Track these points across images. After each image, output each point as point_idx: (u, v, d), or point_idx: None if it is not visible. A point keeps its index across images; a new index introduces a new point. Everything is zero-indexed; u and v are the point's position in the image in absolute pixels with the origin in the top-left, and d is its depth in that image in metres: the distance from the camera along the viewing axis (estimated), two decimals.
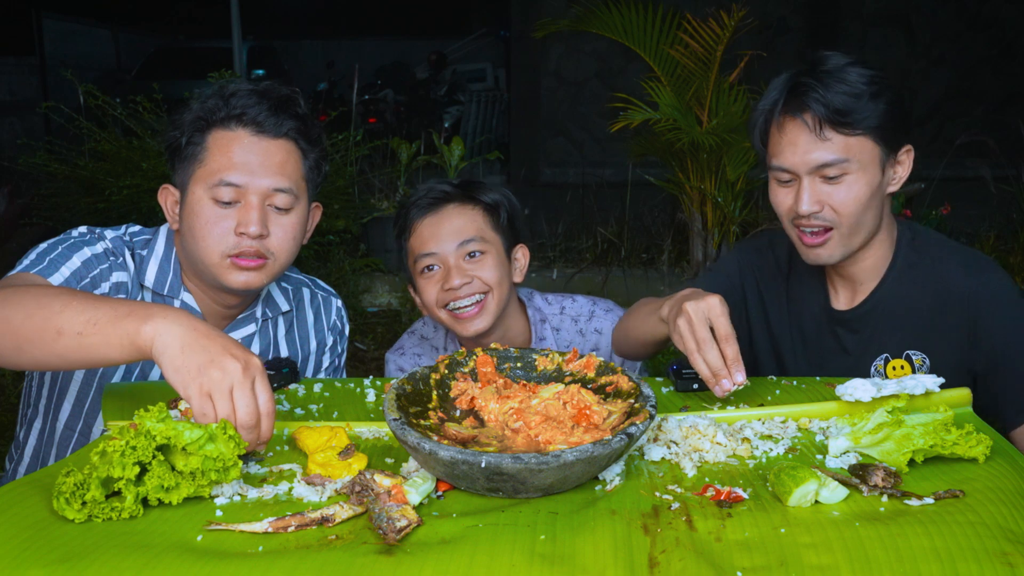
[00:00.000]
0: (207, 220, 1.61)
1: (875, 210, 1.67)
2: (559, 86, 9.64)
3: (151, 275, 1.69)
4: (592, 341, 2.04)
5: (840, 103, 1.60)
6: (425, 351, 2.08)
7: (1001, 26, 9.42)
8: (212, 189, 1.60)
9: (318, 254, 5.24)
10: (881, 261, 1.75)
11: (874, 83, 1.62)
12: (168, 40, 15.27)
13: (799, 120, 1.63)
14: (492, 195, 1.94)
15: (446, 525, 1.05)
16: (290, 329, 1.86)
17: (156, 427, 1.11)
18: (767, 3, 8.90)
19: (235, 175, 1.60)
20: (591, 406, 1.27)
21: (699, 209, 5.05)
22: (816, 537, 1.00)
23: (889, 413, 1.22)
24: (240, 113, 1.61)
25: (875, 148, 1.63)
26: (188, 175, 1.64)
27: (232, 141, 1.62)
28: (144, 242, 1.73)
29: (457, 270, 1.86)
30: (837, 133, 1.61)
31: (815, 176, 1.64)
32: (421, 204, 1.92)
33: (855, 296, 1.78)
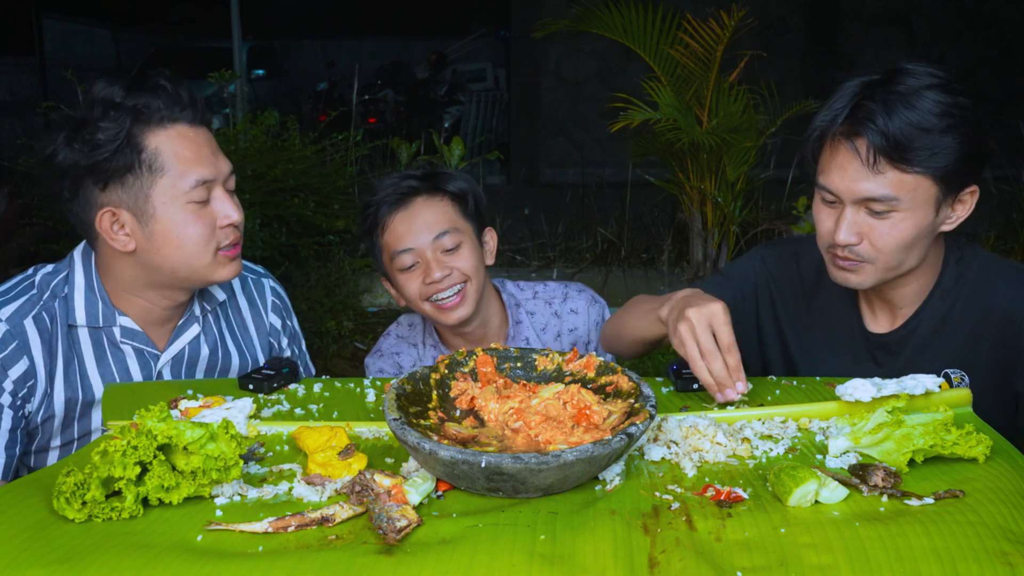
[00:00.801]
0: (188, 224, 1.57)
1: (919, 249, 1.56)
2: (559, 86, 9.63)
3: (80, 313, 1.63)
4: (569, 322, 2.07)
5: (902, 135, 1.46)
6: (403, 349, 2.09)
7: (1001, 26, 9.42)
8: (188, 193, 1.56)
9: (318, 254, 5.24)
10: (924, 286, 1.66)
11: (949, 115, 1.47)
12: (168, 40, 15.26)
13: (852, 146, 1.50)
14: (457, 183, 1.96)
15: (446, 525, 1.05)
16: (228, 319, 1.83)
17: (157, 426, 1.11)
18: (767, 3, 8.90)
19: (203, 171, 1.58)
20: (591, 406, 1.27)
21: (699, 209, 5.05)
22: (816, 537, 1.00)
23: (889, 413, 1.22)
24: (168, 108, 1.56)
25: (932, 187, 1.50)
26: (143, 188, 1.55)
27: (178, 138, 1.56)
28: (62, 282, 1.65)
29: (436, 263, 1.88)
30: (892, 168, 1.48)
31: (860, 207, 1.52)
32: (389, 199, 1.93)
33: (895, 319, 1.70)
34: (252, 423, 1.37)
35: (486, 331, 2.03)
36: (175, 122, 1.57)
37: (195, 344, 1.75)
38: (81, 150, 1.53)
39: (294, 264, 5.02)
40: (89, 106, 1.56)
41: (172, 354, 1.72)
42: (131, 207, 1.56)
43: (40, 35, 12.06)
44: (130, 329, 1.67)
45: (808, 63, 9.37)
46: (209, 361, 1.78)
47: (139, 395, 1.47)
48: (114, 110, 1.54)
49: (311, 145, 5.36)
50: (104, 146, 1.52)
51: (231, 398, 1.44)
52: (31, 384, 1.59)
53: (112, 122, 1.53)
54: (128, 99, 1.55)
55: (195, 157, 1.57)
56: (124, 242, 1.58)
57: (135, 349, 1.68)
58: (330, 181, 5.33)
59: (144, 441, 1.09)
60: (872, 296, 1.71)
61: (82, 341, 1.65)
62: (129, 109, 1.54)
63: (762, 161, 5.15)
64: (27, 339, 1.59)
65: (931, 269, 1.66)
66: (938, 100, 1.48)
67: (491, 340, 2.02)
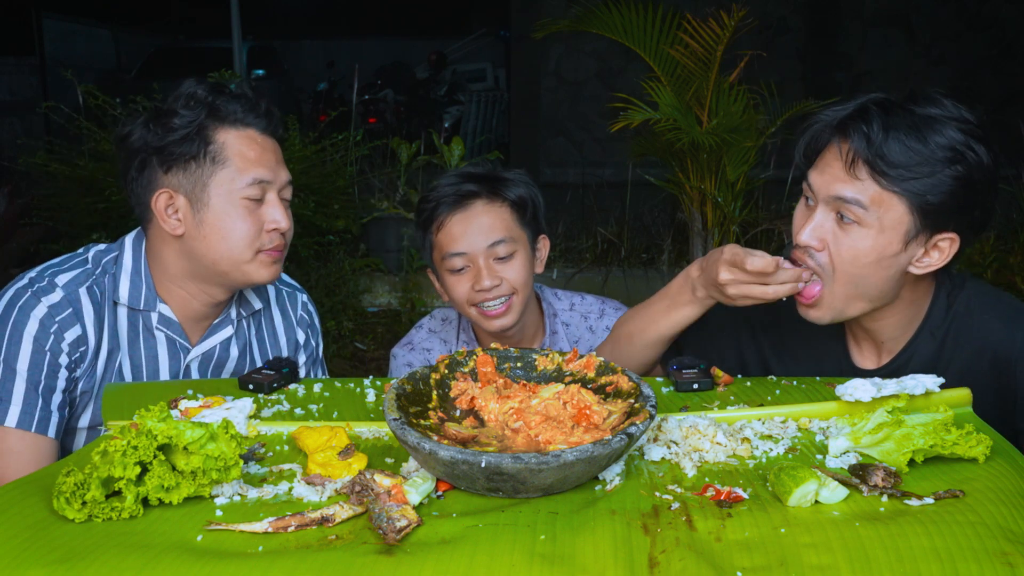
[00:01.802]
0: (237, 219, 1.64)
1: (881, 282, 1.49)
2: (559, 86, 9.63)
3: (124, 291, 1.69)
4: (602, 338, 2.06)
5: (888, 147, 1.42)
6: (434, 345, 2.09)
7: (1001, 26, 9.42)
8: (244, 189, 1.64)
9: (318, 254, 5.24)
10: (909, 319, 1.60)
11: (954, 154, 1.42)
12: (168, 40, 15.26)
13: (839, 146, 1.48)
14: (518, 190, 1.95)
15: (446, 525, 1.05)
16: (259, 328, 1.87)
17: (157, 426, 1.11)
18: (767, 3, 8.90)
19: (262, 172, 1.66)
20: (591, 406, 1.27)
21: (699, 209, 5.05)
22: (816, 537, 1.00)
23: (889, 413, 1.22)
24: (243, 112, 1.66)
25: (905, 215, 1.44)
26: (203, 176, 1.64)
27: (245, 139, 1.66)
28: (112, 260, 1.72)
29: (488, 271, 1.89)
30: (870, 177, 1.44)
31: (831, 211, 1.49)
32: (448, 200, 1.92)
33: (881, 354, 1.64)
34: (252, 423, 1.37)
35: (522, 337, 2.03)
36: (247, 126, 1.67)
37: (226, 345, 1.79)
38: (156, 132, 1.64)
39: (294, 264, 5.02)
40: (174, 97, 1.66)
41: (203, 350, 1.76)
42: (188, 193, 1.64)
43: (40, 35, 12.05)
44: (167, 318, 1.72)
45: (808, 63, 9.37)
46: (237, 365, 1.82)
47: (139, 395, 1.47)
48: (195, 102, 1.64)
49: (311, 145, 5.36)
50: (176, 131, 1.63)
51: (231, 398, 1.44)
52: (83, 350, 1.65)
53: (189, 111, 1.63)
54: (210, 96, 1.65)
55: (257, 159, 1.66)
56: (174, 225, 1.66)
57: (168, 338, 1.73)
58: (330, 181, 5.33)
59: (144, 441, 1.09)
60: (856, 329, 1.66)
61: (120, 320, 1.70)
62: (207, 103, 1.64)
63: (762, 161, 5.14)
64: (80, 307, 1.65)
65: (915, 304, 1.60)
66: (951, 136, 1.43)
67: (527, 346, 2.02)
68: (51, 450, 1.62)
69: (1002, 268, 4.92)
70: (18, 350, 1.60)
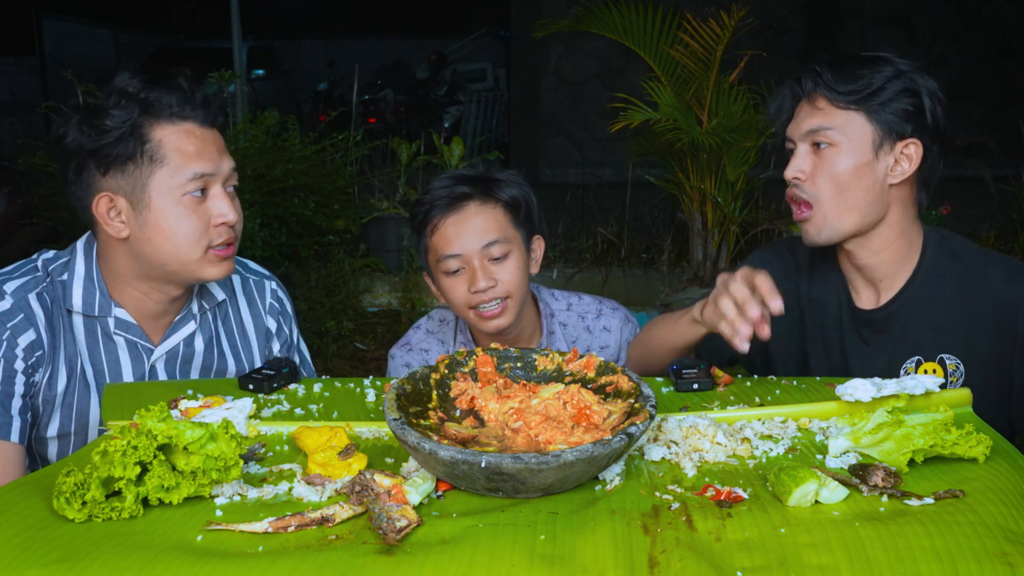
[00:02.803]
0: (181, 217, 1.59)
1: (864, 192, 1.65)
2: (559, 86, 9.64)
3: (77, 299, 1.65)
4: (601, 339, 2.07)
5: (836, 72, 1.64)
6: (432, 346, 2.09)
7: (1001, 26, 9.42)
8: (185, 185, 1.58)
9: (318, 254, 5.24)
10: (903, 257, 1.72)
11: (895, 71, 1.64)
12: (168, 40, 15.26)
13: (799, 89, 1.72)
14: (511, 191, 1.95)
15: (446, 525, 1.05)
16: (226, 318, 1.84)
17: (157, 426, 1.11)
18: (767, 3, 8.90)
19: (203, 166, 1.60)
20: (591, 406, 1.27)
21: (699, 209, 5.05)
22: (816, 537, 1.00)
23: (889, 413, 1.22)
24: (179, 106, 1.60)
25: (867, 126, 1.64)
26: (141, 176, 1.58)
27: (183, 134, 1.59)
28: (62, 267, 1.68)
29: (483, 271, 1.88)
30: (828, 103, 1.66)
31: (807, 143, 1.68)
32: (441, 202, 1.92)
33: (880, 295, 1.75)
34: (252, 423, 1.37)
35: (520, 338, 2.03)
36: (185, 120, 1.60)
37: (190, 341, 1.76)
38: (88, 134, 1.57)
39: (294, 264, 5.02)
40: (106, 95, 1.60)
41: (166, 349, 1.73)
42: (128, 194, 1.59)
43: (40, 35, 12.05)
44: (124, 321, 1.68)
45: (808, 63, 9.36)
46: (204, 359, 1.78)
47: (139, 395, 1.47)
48: (126, 100, 1.58)
49: (311, 145, 5.36)
50: (110, 132, 1.56)
51: (231, 398, 1.44)
52: (39, 355, 1.62)
53: (122, 110, 1.57)
54: (143, 91, 1.59)
55: (197, 152, 1.60)
56: (118, 228, 1.61)
57: (128, 341, 1.69)
58: (330, 181, 5.33)
59: (144, 441, 1.09)
60: (852, 269, 1.78)
61: (76, 328, 1.67)
62: (140, 100, 1.58)
63: (762, 161, 5.14)
64: (32, 312, 1.62)
65: (906, 240, 1.72)
66: (893, 63, 1.66)
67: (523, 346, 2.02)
68: (15, 454, 1.59)
69: None
70: None
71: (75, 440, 1.68)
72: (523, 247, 1.96)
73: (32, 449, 1.69)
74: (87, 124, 1.58)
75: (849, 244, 1.73)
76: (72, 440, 1.68)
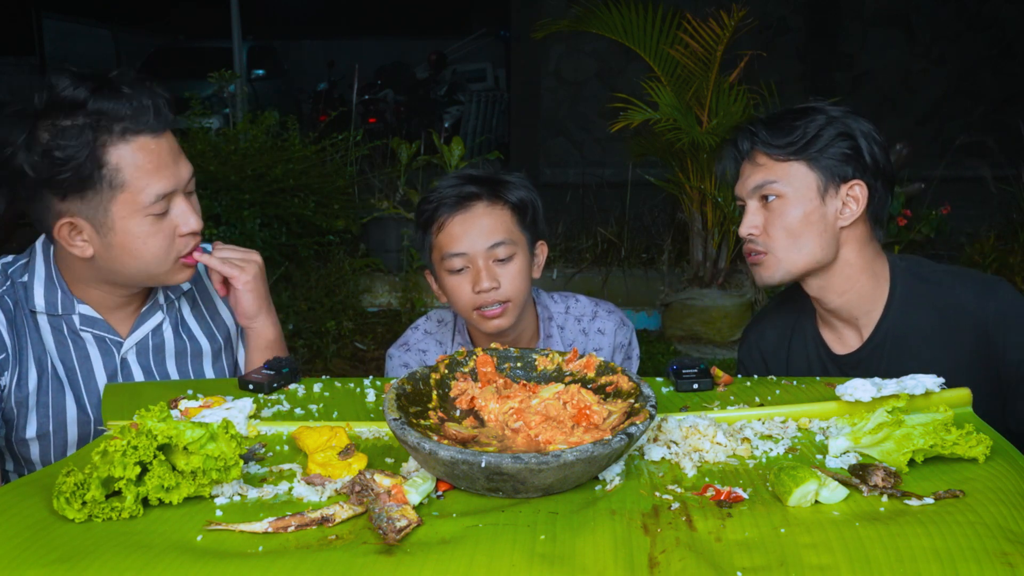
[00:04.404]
0: (148, 237, 1.56)
1: (817, 237, 1.69)
2: (559, 86, 9.64)
3: (39, 300, 1.64)
4: (595, 341, 2.07)
5: (775, 133, 1.70)
6: (430, 347, 2.09)
7: (1001, 26, 9.42)
8: (148, 207, 1.54)
9: (318, 254, 5.24)
10: (871, 292, 1.74)
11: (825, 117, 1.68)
12: (168, 40, 15.26)
13: (737, 152, 1.78)
14: (519, 193, 1.96)
15: (446, 525, 1.05)
16: (195, 305, 1.82)
17: (157, 426, 1.11)
18: (767, 3, 8.90)
19: (163, 184, 1.54)
20: (591, 406, 1.27)
21: (699, 209, 5.05)
22: (816, 537, 1.00)
23: (889, 413, 1.22)
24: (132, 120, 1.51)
25: (809, 174, 1.68)
26: (102, 202, 1.52)
27: (139, 152, 1.52)
28: (21, 268, 1.67)
29: (487, 271, 1.89)
30: (767, 157, 1.71)
31: (755, 200, 1.73)
32: (449, 201, 1.92)
33: (862, 333, 1.77)
34: (252, 423, 1.37)
35: (518, 341, 2.02)
36: (138, 134, 1.51)
37: (159, 331, 1.75)
38: (40, 163, 1.48)
39: (294, 264, 5.02)
40: (51, 104, 1.48)
41: (135, 340, 1.72)
42: (90, 218, 1.54)
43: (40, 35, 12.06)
44: (89, 317, 1.67)
45: (808, 63, 9.37)
46: (176, 346, 1.77)
47: (139, 395, 1.47)
48: (73, 118, 1.48)
49: (311, 145, 5.36)
50: (65, 163, 1.48)
51: (231, 398, 1.44)
52: (2, 358, 1.61)
53: (73, 139, 1.47)
54: (90, 102, 1.48)
55: (155, 168, 1.53)
56: (82, 248, 1.57)
57: (96, 336, 1.69)
58: (330, 181, 5.33)
59: (144, 441, 1.09)
60: (828, 316, 1.81)
61: (42, 328, 1.66)
62: (91, 121, 1.48)
63: None
64: None
65: (871, 276, 1.74)
66: (825, 111, 1.70)
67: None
68: None
69: (1002, 268, 4.92)
70: None
71: (55, 439, 1.68)
72: (527, 250, 1.96)
73: (14, 451, 1.69)
74: (36, 150, 1.48)
75: (813, 291, 1.76)
76: (52, 439, 1.67)
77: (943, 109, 9.49)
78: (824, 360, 1.82)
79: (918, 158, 5.84)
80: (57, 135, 1.47)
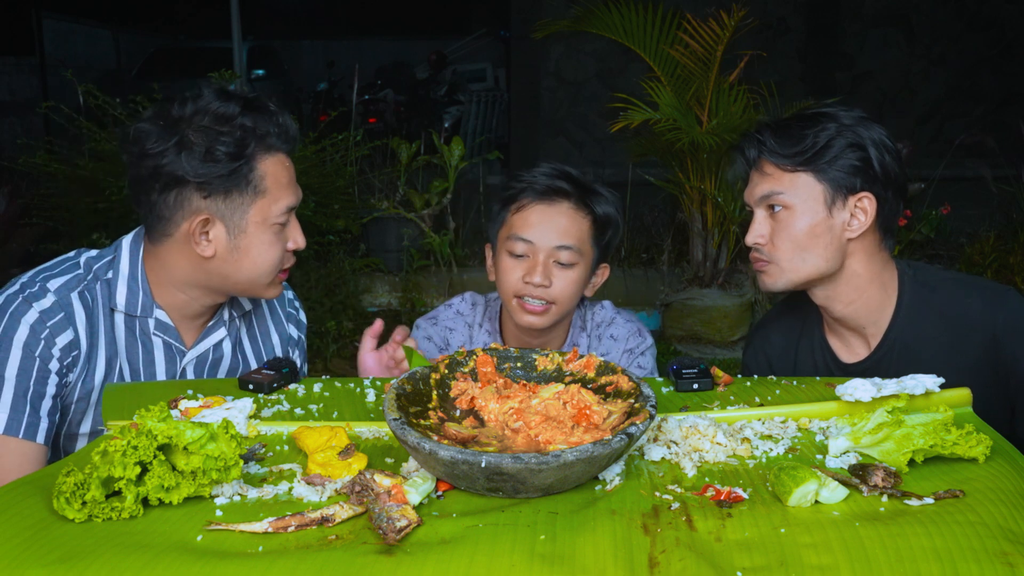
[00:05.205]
0: (270, 245, 1.65)
1: (823, 249, 1.67)
2: (559, 86, 9.63)
3: (121, 298, 1.67)
4: (606, 346, 2.05)
5: (782, 142, 1.67)
6: (458, 326, 2.08)
7: (1001, 26, 9.42)
8: (278, 216, 1.64)
9: (318, 254, 5.24)
10: (879, 302, 1.73)
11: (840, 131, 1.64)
12: (168, 40, 15.26)
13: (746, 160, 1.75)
14: (606, 208, 1.95)
15: (446, 525, 1.05)
16: (251, 327, 1.87)
17: (157, 426, 1.11)
18: (767, 3, 8.90)
19: (293, 199, 1.66)
20: (591, 406, 1.27)
21: (699, 209, 5.05)
22: (816, 537, 1.00)
23: (889, 413, 1.22)
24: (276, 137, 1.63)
25: (817, 185, 1.66)
26: (243, 205, 1.61)
27: (278, 165, 1.64)
28: (106, 265, 1.69)
29: (543, 268, 1.88)
30: (775, 167, 1.69)
31: (763, 209, 1.71)
32: (539, 187, 1.92)
33: (870, 342, 1.76)
34: (252, 423, 1.37)
35: (547, 344, 2.01)
36: (279, 150, 1.65)
37: (219, 347, 1.79)
38: (199, 162, 1.56)
39: (294, 264, 5.01)
40: (199, 113, 1.58)
41: (197, 353, 1.76)
42: (226, 219, 1.61)
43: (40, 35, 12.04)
44: (163, 323, 1.71)
45: (808, 63, 9.36)
46: (230, 364, 1.82)
47: (139, 395, 1.47)
48: (240, 132, 1.58)
49: (311, 145, 5.36)
50: (223, 162, 1.57)
51: (231, 398, 1.44)
52: (75, 355, 1.63)
53: (235, 142, 1.57)
54: (242, 116, 1.59)
55: (288, 183, 1.66)
56: (204, 247, 1.62)
57: (164, 342, 1.72)
58: (330, 181, 5.33)
59: (144, 441, 1.09)
60: (836, 326, 1.79)
61: (117, 326, 1.68)
62: (251, 130, 1.59)
63: None
64: (72, 311, 1.63)
65: (878, 287, 1.72)
66: (836, 118, 1.66)
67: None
68: (40, 456, 1.60)
69: (1002, 268, 4.91)
70: (7, 356, 1.58)
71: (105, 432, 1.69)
72: (590, 265, 1.95)
73: (59, 446, 1.71)
74: (196, 152, 1.56)
75: (819, 299, 1.75)
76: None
77: (943, 109, 9.49)
78: (831, 368, 1.80)
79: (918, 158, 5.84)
80: (216, 138, 1.57)
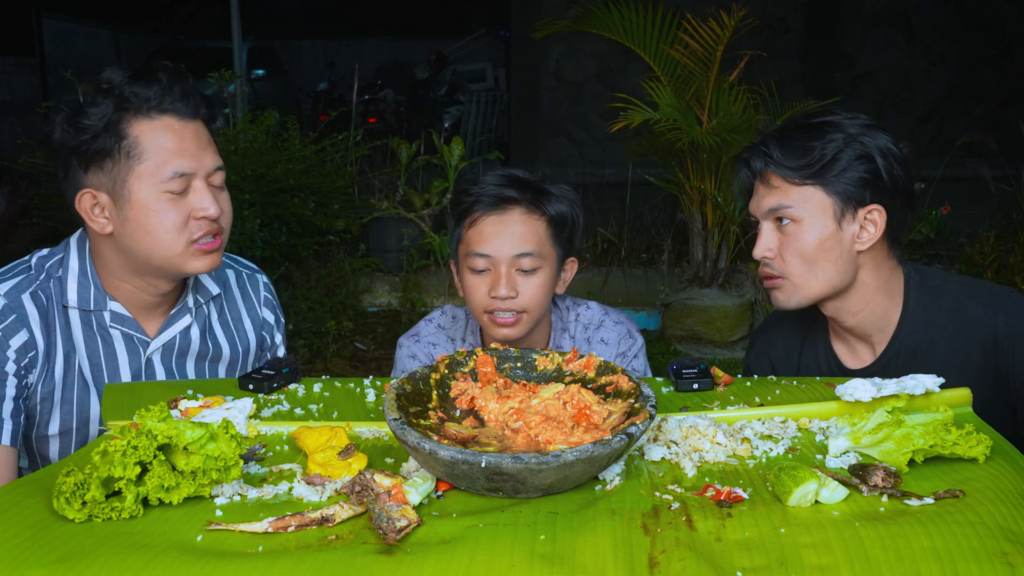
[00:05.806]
0: (161, 212, 1.59)
1: (833, 263, 1.65)
2: (559, 86, 9.64)
3: (72, 294, 1.67)
4: (598, 351, 2.03)
5: (789, 155, 1.63)
6: (440, 341, 2.07)
7: (1001, 26, 9.42)
8: (165, 183, 1.58)
9: (318, 254, 5.24)
10: (885, 310, 1.72)
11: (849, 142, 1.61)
12: (168, 40, 15.27)
13: (751, 172, 1.71)
14: (559, 207, 1.91)
15: (446, 525, 1.05)
16: (222, 312, 1.85)
17: (157, 426, 1.11)
18: (767, 3, 8.90)
19: (183, 163, 1.60)
20: (591, 406, 1.27)
21: (699, 209, 5.05)
22: (816, 537, 1.00)
23: (889, 413, 1.22)
24: (157, 100, 1.59)
25: (826, 199, 1.63)
26: (121, 173, 1.58)
27: (163, 130, 1.59)
28: (57, 264, 1.69)
29: (507, 279, 1.85)
30: (783, 180, 1.65)
31: (770, 223, 1.68)
32: (487, 200, 1.89)
33: (876, 349, 1.75)
34: (252, 423, 1.37)
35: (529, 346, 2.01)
36: (163, 113, 1.59)
37: (186, 334, 1.77)
38: (69, 131, 1.59)
39: (294, 264, 5.02)
40: (89, 92, 1.62)
41: (162, 341, 1.74)
42: (109, 191, 1.60)
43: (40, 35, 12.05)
44: (119, 315, 1.69)
45: (808, 63, 9.37)
46: (200, 350, 1.80)
47: (139, 395, 1.47)
48: (103, 95, 1.59)
49: (311, 145, 5.36)
50: (87, 130, 1.57)
51: (231, 398, 1.44)
52: (32, 355, 1.63)
53: (98, 107, 1.58)
54: (122, 86, 1.59)
55: (177, 149, 1.60)
56: (102, 224, 1.62)
57: (124, 334, 1.71)
58: (330, 181, 5.33)
59: (144, 441, 1.09)
60: (843, 333, 1.78)
61: (72, 323, 1.68)
62: (115, 96, 1.58)
63: None
64: (25, 313, 1.63)
65: (885, 295, 1.71)
66: (843, 128, 1.63)
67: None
68: (8, 457, 1.60)
69: (1002, 268, 4.91)
70: None
71: (76, 436, 1.69)
72: (555, 265, 1.92)
73: (32, 449, 1.70)
74: (68, 122, 1.59)
75: (829, 311, 1.73)
76: (74, 436, 1.69)
77: (943, 109, 9.49)
78: (836, 373, 1.80)
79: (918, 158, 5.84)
80: (86, 107, 1.58)
